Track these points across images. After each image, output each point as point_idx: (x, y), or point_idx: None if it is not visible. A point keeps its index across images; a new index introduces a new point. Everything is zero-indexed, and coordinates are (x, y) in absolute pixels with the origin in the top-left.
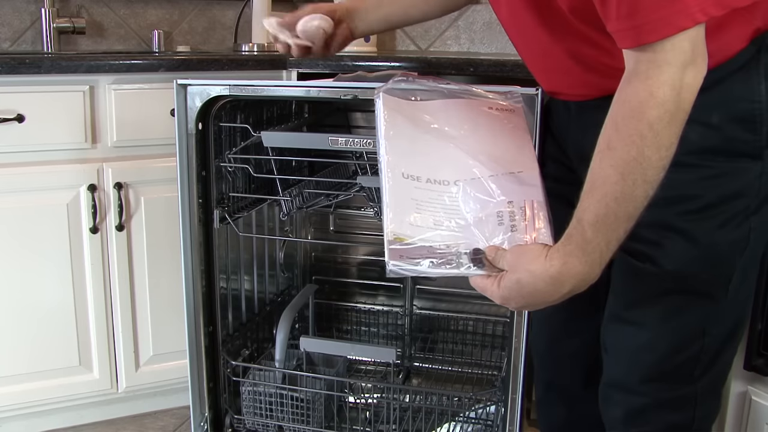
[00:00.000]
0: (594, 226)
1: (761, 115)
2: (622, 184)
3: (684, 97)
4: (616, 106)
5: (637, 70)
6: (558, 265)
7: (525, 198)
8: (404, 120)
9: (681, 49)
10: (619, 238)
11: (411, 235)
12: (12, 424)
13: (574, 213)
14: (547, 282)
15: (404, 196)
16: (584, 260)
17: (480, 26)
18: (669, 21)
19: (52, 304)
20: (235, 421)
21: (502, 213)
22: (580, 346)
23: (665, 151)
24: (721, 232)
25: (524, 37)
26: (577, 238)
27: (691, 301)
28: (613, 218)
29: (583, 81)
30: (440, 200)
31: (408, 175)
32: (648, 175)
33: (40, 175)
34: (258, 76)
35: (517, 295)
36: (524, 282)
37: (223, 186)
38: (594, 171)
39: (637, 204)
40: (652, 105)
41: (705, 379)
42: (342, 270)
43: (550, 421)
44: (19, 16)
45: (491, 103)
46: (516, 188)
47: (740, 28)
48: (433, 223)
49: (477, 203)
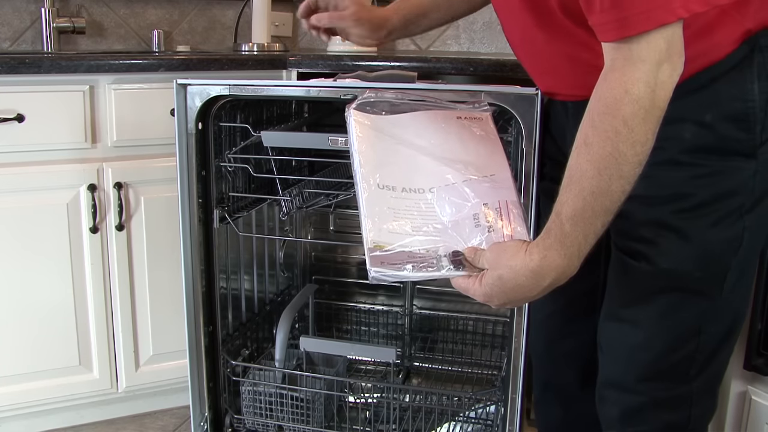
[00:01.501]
0: (572, 219)
1: (755, 114)
2: (599, 179)
3: (659, 94)
4: (593, 103)
5: (613, 66)
6: (538, 259)
7: (499, 199)
8: (376, 133)
9: (656, 46)
10: (597, 231)
11: (390, 241)
12: (12, 424)
13: (554, 208)
14: (527, 276)
15: (381, 206)
16: (563, 253)
17: (480, 26)
18: (650, 15)
19: (52, 303)
20: (235, 420)
21: (478, 215)
22: (578, 346)
23: (640, 147)
24: (715, 231)
25: (522, 37)
26: (556, 231)
27: (686, 299)
28: (590, 212)
29: (580, 82)
30: (417, 207)
31: (383, 185)
32: (623, 170)
33: (40, 175)
34: (258, 75)
35: (499, 291)
36: (506, 278)
37: (223, 186)
38: (571, 166)
39: (614, 198)
40: (626, 102)
41: (701, 378)
42: (342, 270)
43: (547, 421)
44: (19, 15)
45: (459, 113)
46: (490, 191)
47: (730, 28)
48: (411, 228)
49: (453, 207)
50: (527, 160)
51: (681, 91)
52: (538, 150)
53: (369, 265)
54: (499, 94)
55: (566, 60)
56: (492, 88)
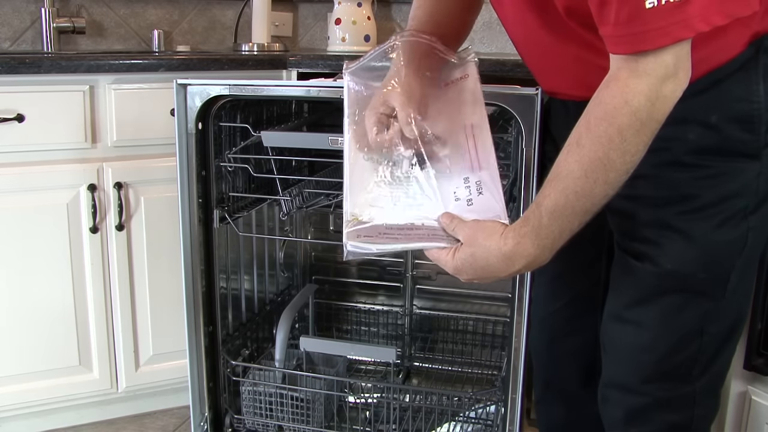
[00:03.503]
0: (551, 214)
1: (759, 116)
2: (584, 180)
3: (658, 108)
4: (592, 106)
5: (617, 75)
6: (512, 244)
7: (480, 176)
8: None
9: (663, 62)
10: (573, 229)
11: (369, 214)
12: (12, 424)
13: (536, 198)
14: (499, 258)
15: (364, 178)
16: (537, 244)
17: (480, 26)
18: (668, 31)
19: (53, 304)
20: (235, 420)
21: (458, 188)
22: (579, 345)
23: (630, 156)
24: (719, 232)
25: (526, 37)
26: (534, 221)
27: (690, 300)
28: (570, 210)
29: (583, 82)
30: (398, 178)
31: (368, 158)
32: (610, 177)
33: (40, 175)
34: (258, 75)
35: (470, 267)
36: (478, 256)
37: (223, 186)
38: (560, 162)
39: (595, 201)
40: (624, 112)
41: (704, 379)
42: (342, 270)
43: (549, 421)
44: (19, 15)
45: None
46: (471, 163)
47: (738, 32)
48: (392, 202)
49: (435, 179)
50: (527, 160)
51: (686, 92)
52: (538, 150)
53: (345, 239)
54: (499, 94)
55: (572, 61)
56: (492, 88)
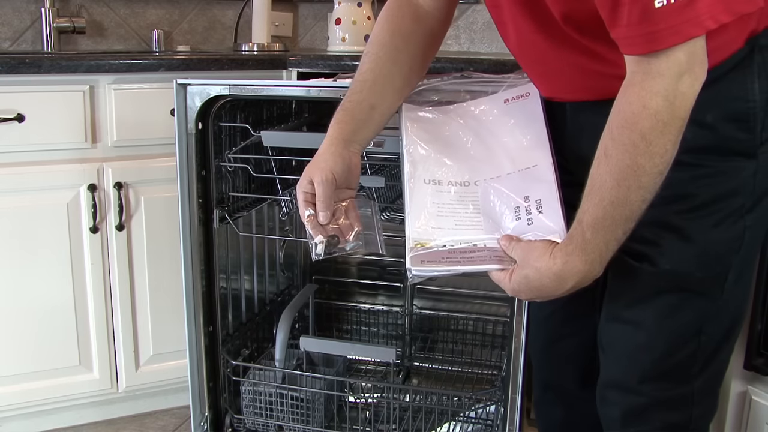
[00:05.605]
0: (593, 227)
1: (755, 114)
2: (617, 189)
3: (678, 106)
4: (613, 115)
5: (632, 80)
6: (560, 263)
7: (540, 193)
8: (423, 127)
9: (675, 60)
10: (618, 238)
11: (432, 238)
12: (12, 424)
13: (576, 215)
14: (551, 279)
15: (425, 202)
16: (584, 259)
17: (480, 26)
18: (679, 29)
19: (53, 303)
20: (235, 420)
21: (519, 208)
22: (578, 346)
23: (659, 158)
24: (716, 231)
25: (522, 42)
26: (578, 238)
27: (687, 300)
28: (610, 221)
29: (580, 86)
30: (460, 201)
31: (429, 180)
32: (642, 181)
33: (40, 175)
34: (258, 75)
35: (526, 288)
36: (531, 278)
37: (223, 186)
38: (593, 176)
39: (633, 207)
40: (644, 116)
41: (702, 378)
42: (342, 270)
43: (548, 421)
44: (19, 15)
45: (507, 95)
46: (531, 184)
47: (737, 29)
48: (454, 223)
49: (495, 201)
50: None
51: None
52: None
53: (409, 264)
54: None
55: (568, 66)
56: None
